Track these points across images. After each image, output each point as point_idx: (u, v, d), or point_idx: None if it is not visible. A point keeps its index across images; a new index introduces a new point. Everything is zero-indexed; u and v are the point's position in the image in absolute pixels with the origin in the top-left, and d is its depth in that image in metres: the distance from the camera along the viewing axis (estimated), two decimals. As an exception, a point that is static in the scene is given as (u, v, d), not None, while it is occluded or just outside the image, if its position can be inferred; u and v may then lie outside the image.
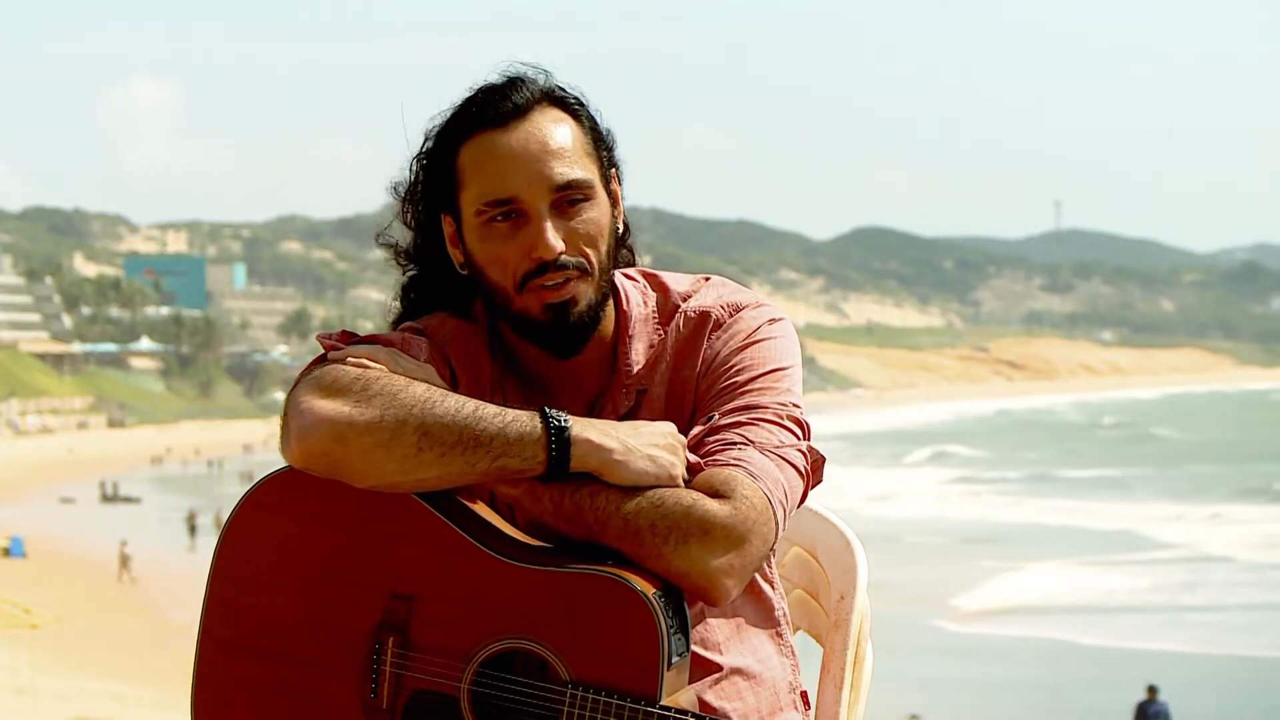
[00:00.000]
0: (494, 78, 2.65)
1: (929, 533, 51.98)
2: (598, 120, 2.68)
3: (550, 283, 2.58)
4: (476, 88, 2.65)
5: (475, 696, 2.44)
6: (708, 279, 2.76)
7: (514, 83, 2.63)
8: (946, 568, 42.05)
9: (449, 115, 2.65)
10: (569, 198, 2.59)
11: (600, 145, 2.67)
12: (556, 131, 2.61)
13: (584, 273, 2.60)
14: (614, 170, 2.69)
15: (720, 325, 2.68)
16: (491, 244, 2.60)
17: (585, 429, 2.47)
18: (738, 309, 2.69)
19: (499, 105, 2.61)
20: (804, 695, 2.77)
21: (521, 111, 2.61)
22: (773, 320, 2.69)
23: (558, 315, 2.59)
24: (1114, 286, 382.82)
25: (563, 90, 2.65)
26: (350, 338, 2.62)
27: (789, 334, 2.69)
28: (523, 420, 2.47)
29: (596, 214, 2.62)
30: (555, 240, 2.57)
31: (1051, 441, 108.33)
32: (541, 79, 2.65)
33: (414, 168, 2.69)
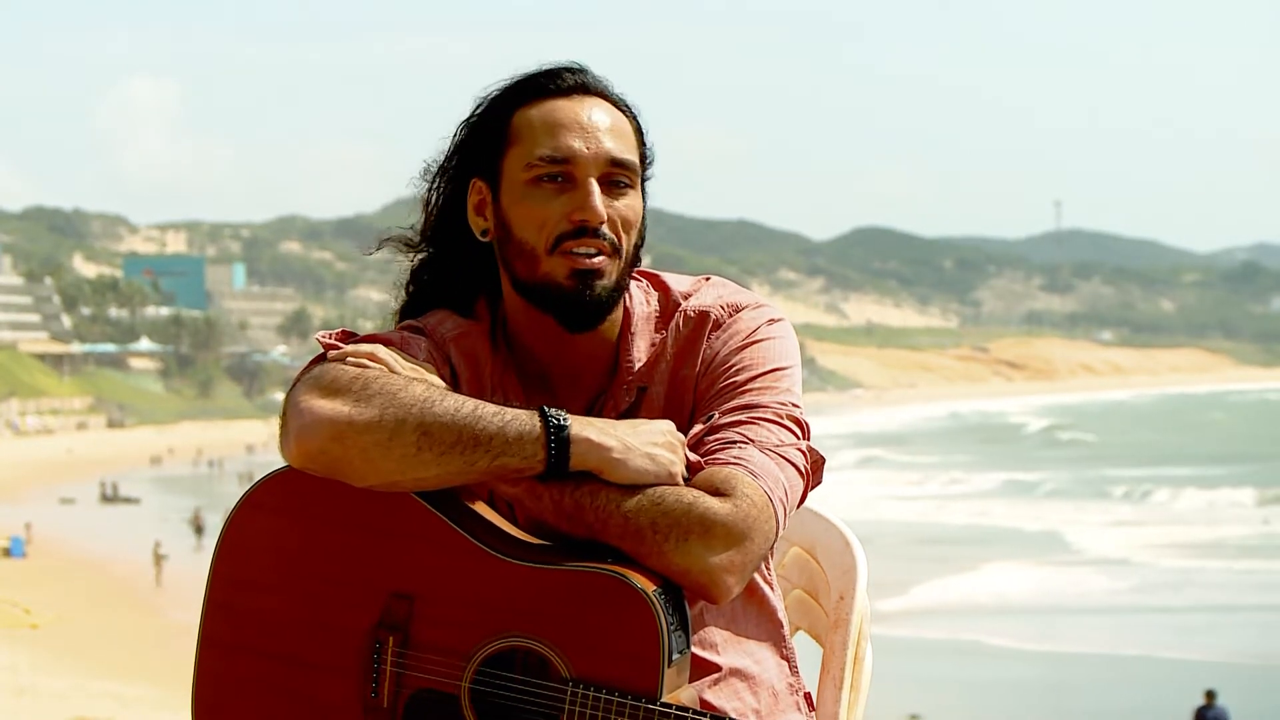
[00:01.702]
0: (560, 62, 2.68)
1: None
2: (645, 133, 2.72)
3: (583, 249, 2.59)
4: (540, 66, 2.68)
5: (476, 695, 2.44)
6: (708, 279, 2.77)
7: (580, 68, 2.68)
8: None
9: (508, 82, 2.68)
10: (616, 177, 2.62)
11: (644, 153, 2.70)
12: (615, 116, 2.66)
13: (615, 251, 2.62)
14: (644, 184, 2.71)
15: (720, 325, 2.69)
16: (533, 203, 2.61)
17: (584, 428, 2.47)
18: (737, 309, 2.70)
19: (564, 78, 2.65)
20: (808, 697, 2.76)
21: (586, 90, 2.65)
22: (772, 320, 2.70)
23: (583, 283, 2.60)
24: (1114, 286, 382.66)
25: (621, 96, 2.70)
26: (350, 337, 2.62)
27: (788, 334, 2.70)
28: (522, 419, 2.47)
29: (636, 204, 2.65)
30: (601, 207, 2.59)
31: (982, 444, 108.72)
32: (604, 80, 2.69)
33: (458, 132, 2.70)
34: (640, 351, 2.70)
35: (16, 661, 28.57)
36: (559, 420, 2.47)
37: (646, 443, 2.49)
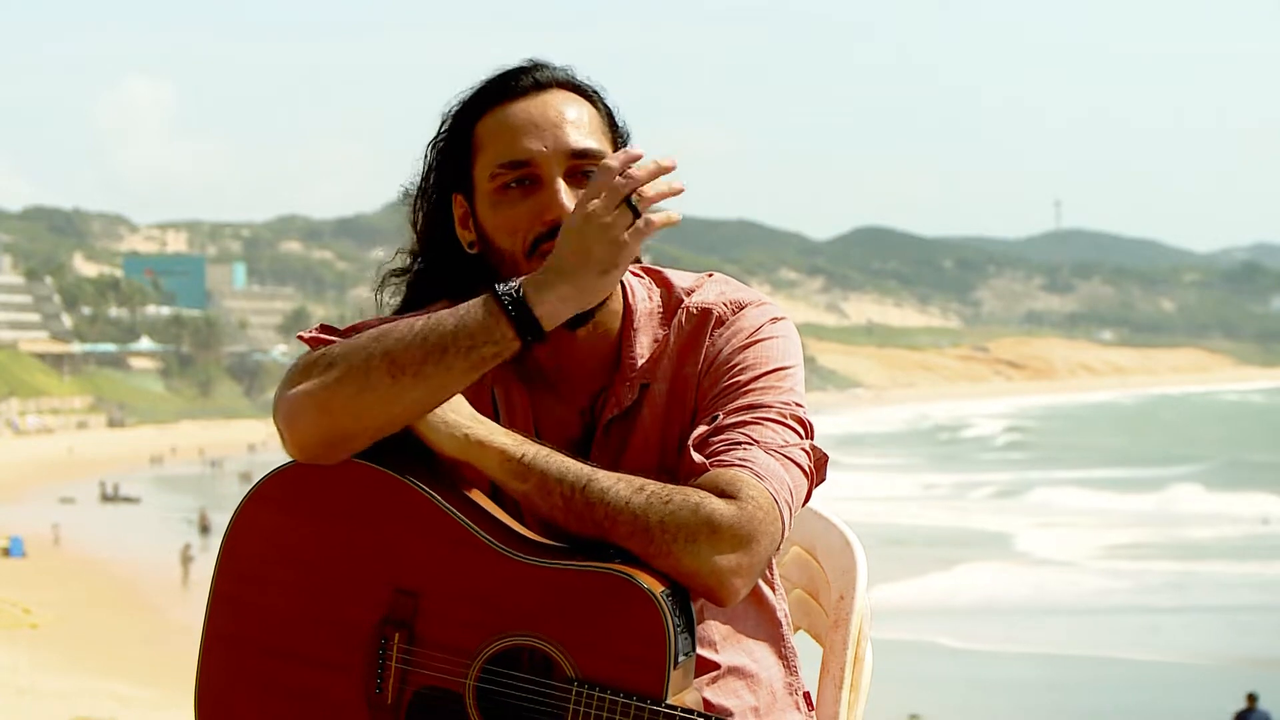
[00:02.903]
0: (515, 63, 2.69)
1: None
2: (614, 113, 2.71)
3: None
4: (496, 71, 2.69)
5: (481, 693, 2.44)
6: (711, 275, 2.77)
7: (534, 64, 2.68)
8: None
9: (467, 94, 2.69)
10: (583, 168, 2.61)
11: (615, 133, 2.70)
12: (574, 106, 2.65)
13: None
14: None
15: (722, 322, 2.68)
16: (503, 209, 2.62)
17: (536, 286, 2.48)
18: (740, 306, 2.70)
19: (518, 80, 2.65)
20: (807, 696, 2.76)
21: (540, 87, 2.65)
22: (775, 319, 2.69)
23: None
24: (1114, 286, 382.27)
25: (582, 80, 2.70)
26: (329, 330, 2.65)
27: (791, 333, 2.69)
28: (475, 308, 2.48)
29: None
30: (569, 202, 2.58)
31: (934, 448, 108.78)
32: (561, 70, 2.69)
33: (429, 152, 2.72)
34: (643, 348, 2.69)
35: (16, 661, 28.58)
36: (511, 291, 2.47)
37: (597, 260, 2.48)
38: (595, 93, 2.70)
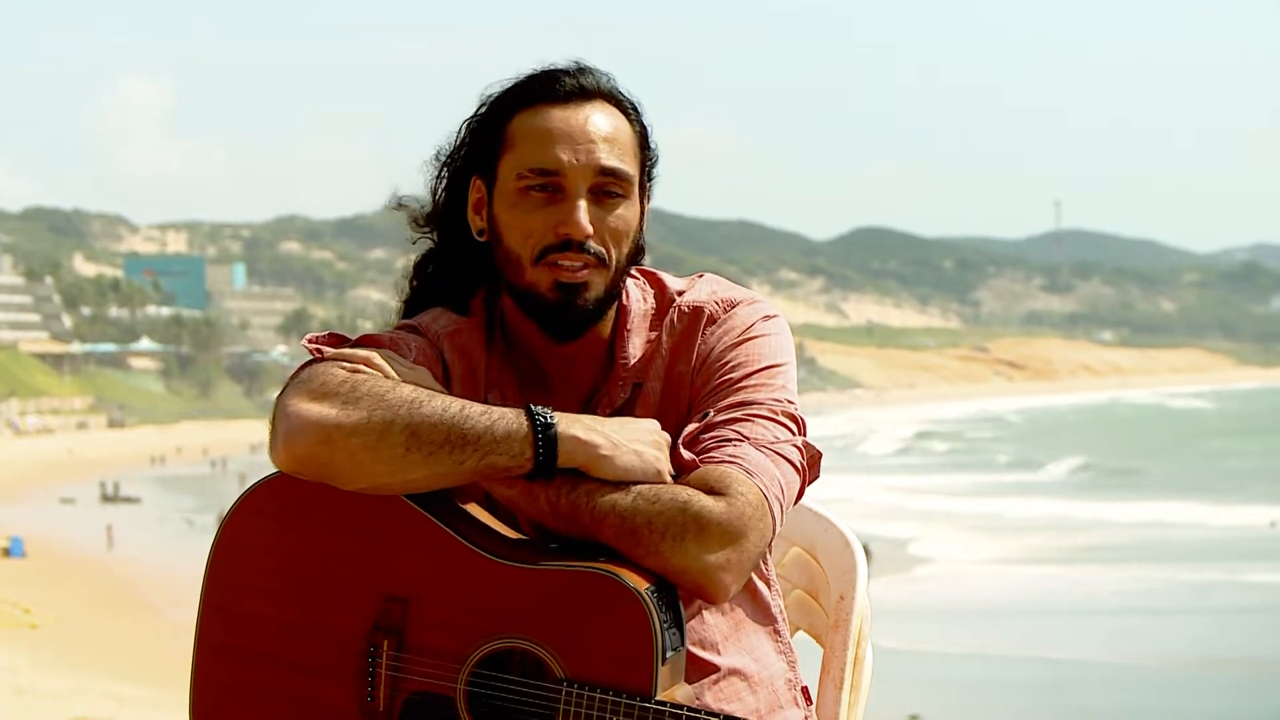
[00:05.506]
0: (560, 62, 2.68)
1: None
2: (648, 133, 2.70)
3: (567, 262, 2.59)
4: (541, 67, 2.68)
5: (472, 697, 2.45)
6: (701, 276, 2.77)
7: (581, 69, 2.66)
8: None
9: (509, 84, 2.67)
10: (608, 187, 2.61)
11: (645, 155, 2.69)
12: (611, 121, 2.64)
13: (601, 263, 2.61)
14: (648, 185, 2.71)
15: (714, 320, 2.69)
16: (521, 211, 2.61)
17: (571, 425, 2.48)
18: (732, 304, 2.70)
19: (563, 82, 2.64)
20: (805, 690, 2.77)
21: (584, 95, 2.64)
22: (767, 317, 2.70)
23: (566, 297, 2.60)
24: (1114, 286, 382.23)
25: (623, 93, 2.69)
26: (339, 340, 2.63)
27: (783, 330, 2.70)
28: (509, 418, 2.47)
29: (629, 214, 2.64)
30: (586, 222, 2.59)
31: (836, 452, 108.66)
32: (605, 78, 2.68)
33: (461, 130, 2.71)
34: (635, 348, 2.69)
35: (16, 661, 28.56)
36: (546, 419, 2.47)
37: (633, 440, 2.49)
38: (634, 108, 2.69)
